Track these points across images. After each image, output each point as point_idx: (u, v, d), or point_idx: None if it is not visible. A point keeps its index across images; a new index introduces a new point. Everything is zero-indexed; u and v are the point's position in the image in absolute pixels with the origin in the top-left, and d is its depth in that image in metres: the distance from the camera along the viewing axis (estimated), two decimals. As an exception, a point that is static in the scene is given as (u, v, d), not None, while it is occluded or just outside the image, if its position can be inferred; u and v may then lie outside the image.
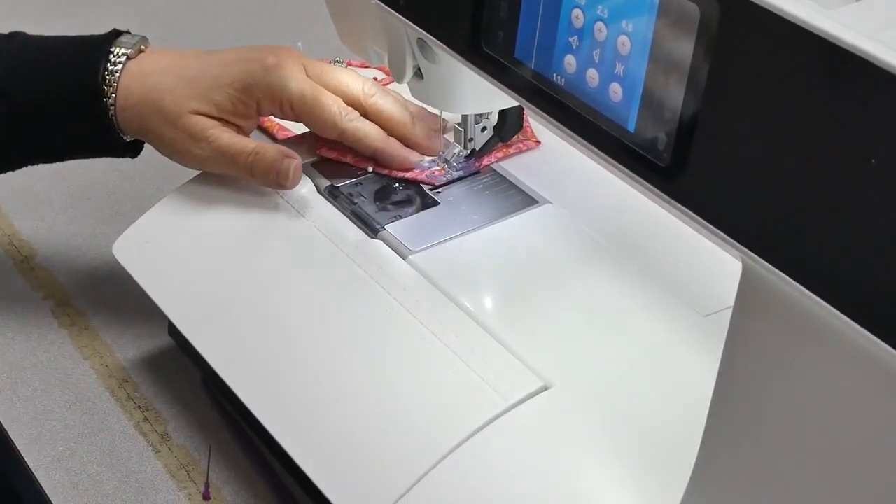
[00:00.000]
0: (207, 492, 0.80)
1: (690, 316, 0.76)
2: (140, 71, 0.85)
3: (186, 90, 0.85)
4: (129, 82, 0.85)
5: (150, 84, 0.85)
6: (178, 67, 0.86)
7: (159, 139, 0.86)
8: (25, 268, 0.98)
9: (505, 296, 0.79)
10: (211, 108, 0.85)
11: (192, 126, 0.85)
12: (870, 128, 0.46)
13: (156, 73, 0.85)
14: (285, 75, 0.84)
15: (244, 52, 0.86)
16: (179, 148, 0.86)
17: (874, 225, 0.47)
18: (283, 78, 0.84)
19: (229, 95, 0.84)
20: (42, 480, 0.81)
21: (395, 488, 0.68)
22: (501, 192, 0.86)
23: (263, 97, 0.85)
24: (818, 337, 0.53)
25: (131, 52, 0.86)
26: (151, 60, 0.86)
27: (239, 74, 0.85)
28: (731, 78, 0.52)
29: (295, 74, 0.85)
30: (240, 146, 0.85)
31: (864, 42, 0.46)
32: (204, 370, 0.87)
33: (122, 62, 0.85)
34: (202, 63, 0.86)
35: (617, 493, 0.67)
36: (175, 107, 0.84)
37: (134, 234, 0.87)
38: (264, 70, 0.84)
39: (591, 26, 0.59)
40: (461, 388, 0.71)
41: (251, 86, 0.84)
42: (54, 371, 0.89)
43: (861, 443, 0.54)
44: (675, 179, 0.55)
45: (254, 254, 0.83)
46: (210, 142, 0.85)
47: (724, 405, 0.60)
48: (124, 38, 0.87)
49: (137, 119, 0.85)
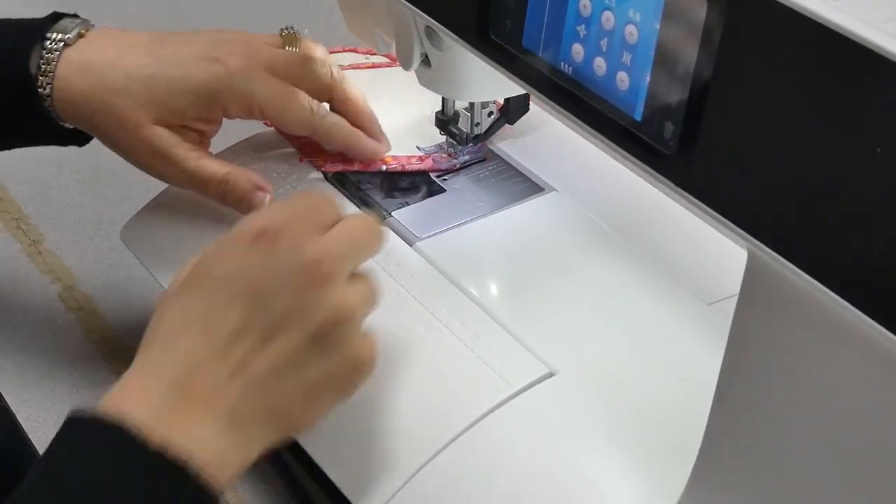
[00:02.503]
0: (213, 475, 0.81)
1: (695, 304, 0.76)
2: (80, 60, 0.79)
3: (143, 94, 0.78)
4: (68, 73, 0.79)
5: (95, 79, 0.79)
6: (128, 62, 0.79)
7: (112, 143, 0.81)
8: (33, 252, 0.98)
9: (511, 283, 0.79)
10: (172, 115, 0.79)
11: (155, 141, 0.79)
12: (875, 117, 0.46)
13: (99, 66, 0.79)
14: (251, 77, 0.79)
15: (201, 47, 0.80)
16: (139, 159, 0.81)
17: (879, 213, 0.47)
18: (249, 81, 0.79)
19: (192, 102, 0.79)
20: (49, 463, 0.82)
21: (401, 473, 0.69)
22: (508, 179, 0.86)
23: (230, 103, 0.80)
24: (823, 325, 0.53)
25: (69, 37, 0.79)
26: (93, 49, 0.80)
27: (202, 79, 0.79)
28: (737, 67, 0.52)
29: (261, 75, 0.80)
30: (209, 172, 0.80)
31: (870, 32, 0.46)
32: (210, 355, 0.87)
33: (58, 49, 0.79)
34: (155, 59, 0.79)
35: (621, 478, 0.68)
36: (132, 114, 0.78)
37: (141, 219, 0.87)
38: (229, 74, 0.79)
39: (598, 15, 0.59)
40: (467, 374, 0.72)
41: (217, 92, 0.79)
42: (62, 355, 0.89)
43: (866, 432, 0.54)
44: (681, 167, 0.56)
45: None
46: (177, 163, 0.80)
47: (728, 393, 0.60)
48: (63, 23, 0.80)
49: (82, 115, 0.80)
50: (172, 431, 0.59)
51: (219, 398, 0.61)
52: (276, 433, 0.64)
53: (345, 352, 0.64)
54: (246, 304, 0.62)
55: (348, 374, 0.65)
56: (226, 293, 0.63)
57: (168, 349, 0.62)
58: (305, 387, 0.63)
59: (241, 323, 0.62)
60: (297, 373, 0.63)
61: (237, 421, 0.61)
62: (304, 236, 0.64)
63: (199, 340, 0.62)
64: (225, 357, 0.61)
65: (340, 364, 0.64)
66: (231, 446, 0.61)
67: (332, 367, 0.64)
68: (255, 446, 0.63)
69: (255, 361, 0.62)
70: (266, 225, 0.64)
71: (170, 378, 0.61)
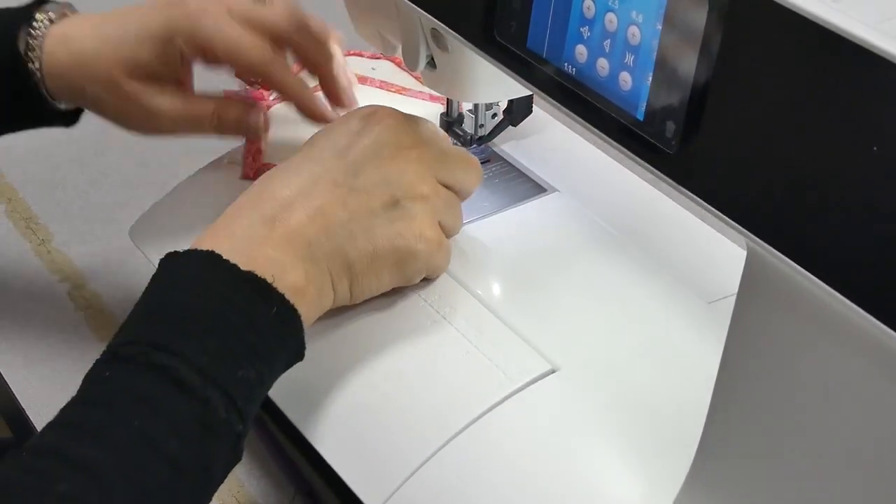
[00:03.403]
0: (220, 470, 0.82)
1: (695, 303, 0.77)
2: (62, 34, 0.81)
3: (112, 52, 0.80)
4: (53, 48, 0.81)
5: (76, 49, 0.81)
6: (100, 29, 0.81)
7: (100, 106, 0.83)
8: (43, 251, 0.99)
9: (514, 281, 0.80)
10: (141, 69, 0.80)
11: (137, 95, 0.80)
12: (872, 116, 0.47)
13: (78, 38, 0.81)
14: (208, 22, 0.79)
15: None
16: (129, 119, 0.82)
17: (877, 210, 0.48)
18: (206, 26, 0.79)
19: (153, 49, 0.79)
20: (58, 458, 0.83)
21: (405, 467, 0.70)
22: (511, 180, 0.87)
23: (187, 44, 0.79)
24: (822, 322, 0.54)
25: (54, 16, 0.82)
26: (75, 24, 0.82)
27: (159, 24, 0.79)
28: (738, 68, 0.52)
29: (218, 16, 0.79)
30: (198, 110, 0.81)
31: (867, 32, 0.46)
32: (217, 352, 0.88)
33: (45, 27, 0.81)
34: (123, 20, 0.81)
35: (621, 474, 0.68)
36: (107, 73, 0.80)
37: (150, 218, 0.88)
38: (185, 17, 0.79)
39: (602, 17, 0.60)
40: (470, 370, 0.73)
41: (173, 32, 0.79)
42: (70, 352, 0.90)
43: (865, 427, 0.54)
44: (683, 166, 0.56)
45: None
46: (163, 111, 0.81)
47: (727, 389, 0.61)
48: (48, 6, 0.83)
49: (70, 88, 0.82)
50: (258, 258, 0.66)
51: (298, 235, 0.69)
52: (343, 285, 0.72)
53: (412, 225, 0.73)
54: (337, 162, 0.72)
55: (410, 248, 0.73)
56: (322, 151, 0.73)
57: (259, 193, 0.71)
58: (373, 248, 0.72)
59: (328, 175, 0.71)
60: (367, 232, 0.71)
61: (312, 258, 0.69)
62: (405, 125, 0.74)
63: (290, 181, 0.71)
64: (309, 198, 0.70)
65: (405, 234, 0.73)
66: (307, 280, 0.68)
67: (398, 237, 0.73)
68: (326, 288, 0.71)
69: (334, 211, 0.70)
70: (375, 109, 0.75)
71: (259, 214, 0.69)
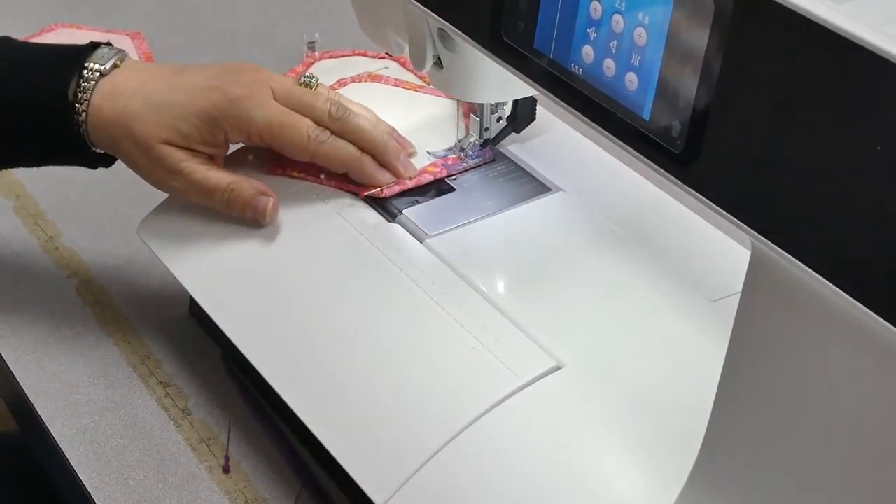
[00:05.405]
0: (227, 465, 0.82)
1: (699, 301, 0.77)
2: (111, 90, 0.84)
3: (154, 117, 0.83)
4: (101, 101, 0.84)
5: (120, 106, 0.84)
6: (147, 90, 0.85)
7: (132, 163, 0.86)
8: (51, 247, 0.99)
9: (518, 279, 0.81)
10: (179, 138, 0.84)
11: (165, 158, 0.84)
12: (875, 116, 0.48)
13: (125, 95, 0.84)
14: (251, 105, 0.83)
15: (211, 77, 0.85)
16: (154, 177, 0.86)
17: (880, 209, 0.49)
18: (249, 109, 0.83)
19: (196, 126, 0.83)
20: (67, 452, 0.83)
21: (410, 463, 0.70)
22: (515, 179, 0.88)
23: (230, 129, 0.84)
24: (826, 320, 0.54)
25: (106, 67, 0.85)
26: (123, 79, 0.85)
27: (204, 105, 0.84)
28: (743, 68, 0.53)
29: (262, 103, 0.84)
30: (214, 181, 0.85)
31: (871, 34, 0.47)
32: (224, 348, 0.89)
33: (94, 79, 0.84)
34: (169, 87, 0.85)
35: (625, 470, 0.69)
36: (145, 135, 0.83)
37: (158, 215, 0.89)
38: (230, 102, 0.83)
39: (608, 18, 0.60)
40: (476, 366, 0.73)
41: (217, 118, 0.83)
42: (79, 347, 0.91)
43: (868, 425, 0.55)
44: (688, 166, 0.57)
45: (276, 236, 0.85)
46: (184, 175, 0.84)
47: (731, 387, 0.61)
48: (101, 52, 0.86)
49: (109, 139, 0.85)
50: None
51: None
52: None
53: None
54: None
55: None
56: None
57: None
58: None
59: None
60: None
61: None
62: None
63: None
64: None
65: None
66: None
67: None
68: None
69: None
70: None
71: None
